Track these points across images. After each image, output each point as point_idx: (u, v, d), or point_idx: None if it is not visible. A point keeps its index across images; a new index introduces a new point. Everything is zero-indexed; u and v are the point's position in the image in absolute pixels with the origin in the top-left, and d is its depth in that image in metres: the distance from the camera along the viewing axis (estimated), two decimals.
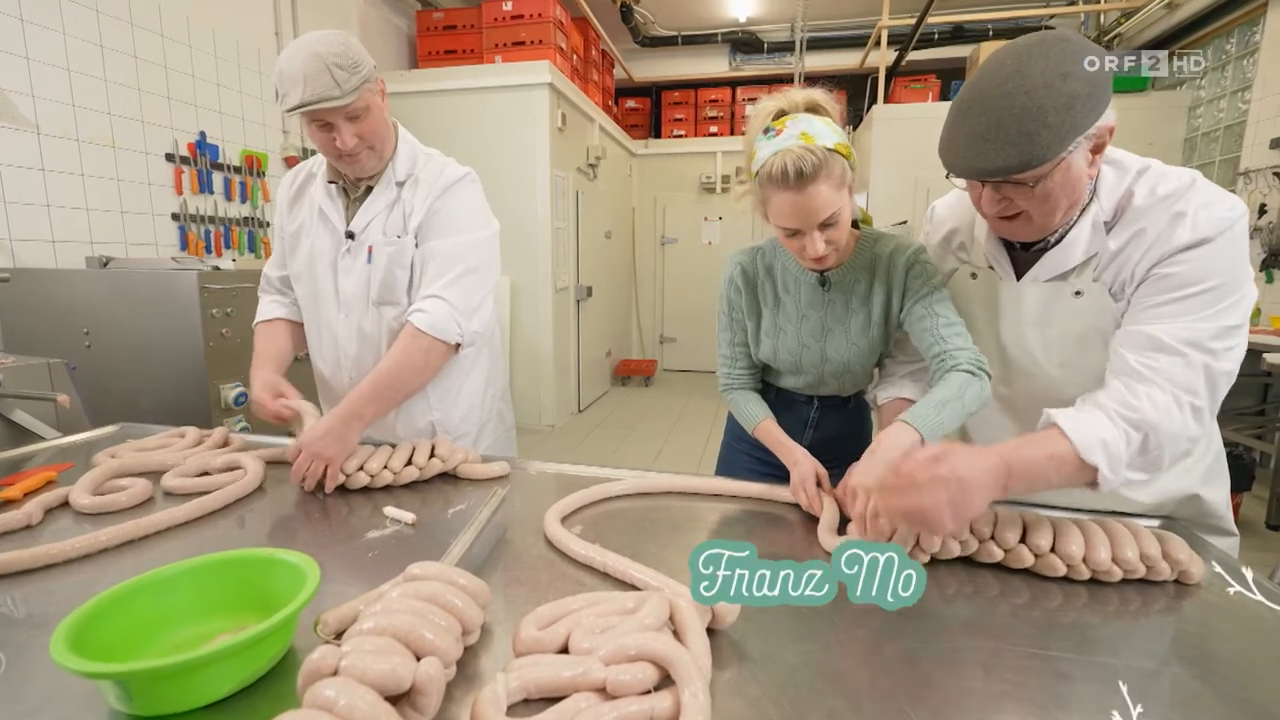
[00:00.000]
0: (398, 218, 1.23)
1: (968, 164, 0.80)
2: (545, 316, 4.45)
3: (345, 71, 1.07)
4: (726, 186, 6.46)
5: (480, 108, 4.25)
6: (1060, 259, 0.89)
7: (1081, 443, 0.76)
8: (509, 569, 0.81)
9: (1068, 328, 0.91)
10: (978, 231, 0.99)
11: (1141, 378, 0.78)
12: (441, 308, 1.18)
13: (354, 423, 1.09)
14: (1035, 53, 0.75)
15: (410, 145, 1.28)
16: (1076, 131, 0.74)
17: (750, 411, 1.13)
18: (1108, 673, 0.61)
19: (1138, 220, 0.83)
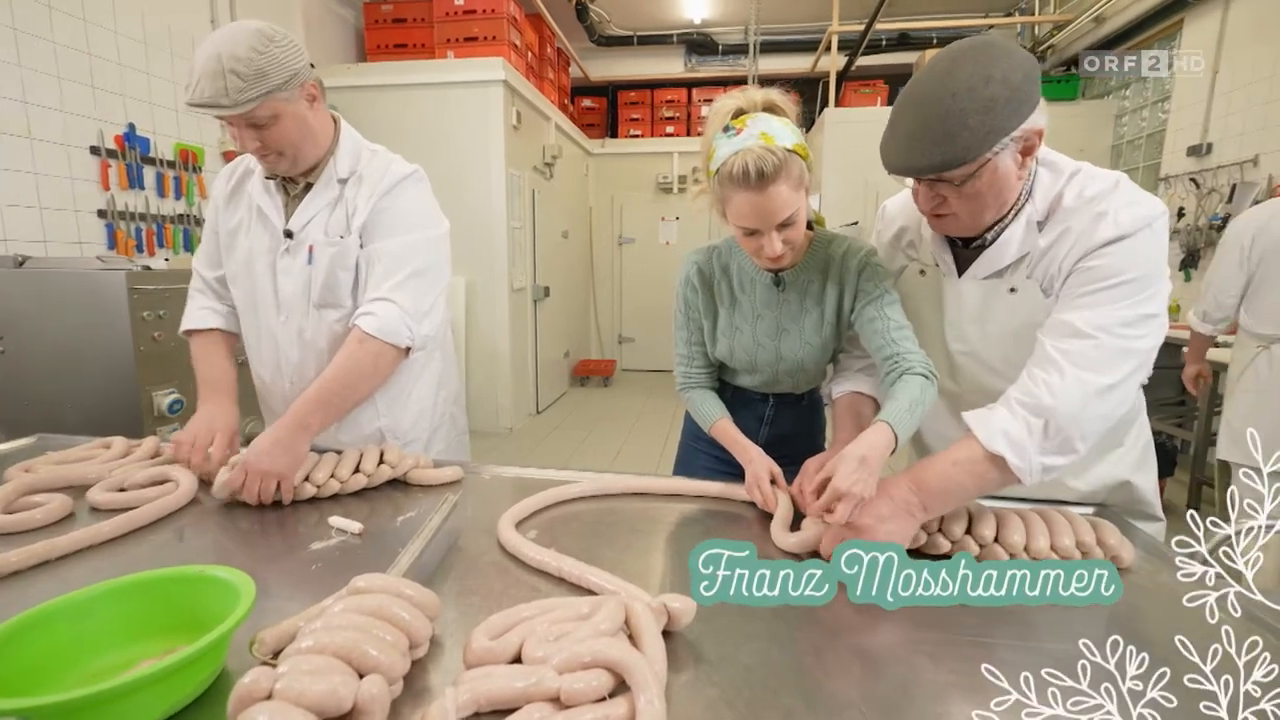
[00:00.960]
0: (340, 217, 1.18)
1: (898, 161, 0.84)
2: (502, 317, 4.38)
3: (242, 81, 0.99)
4: (683, 187, 6.50)
5: (432, 104, 4.15)
6: (995, 257, 0.92)
7: (985, 437, 0.82)
8: (461, 577, 0.79)
9: (1005, 324, 0.95)
10: (925, 230, 1.02)
11: (1050, 363, 0.83)
12: (390, 310, 1.13)
13: (301, 434, 1.04)
14: (965, 57, 0.79)
15: (353, 141, 1.23)
16: (997, 134, 0.78)
17: (707, 411, 1.14)
18: (1045, 658, 0.64)
19: (1065, 220, 0.87)
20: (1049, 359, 0.83)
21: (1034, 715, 0.45)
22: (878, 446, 0.83)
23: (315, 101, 1.14)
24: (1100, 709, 0.44)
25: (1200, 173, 3.76)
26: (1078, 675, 0.59)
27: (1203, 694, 0.45)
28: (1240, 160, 3.49)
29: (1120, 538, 0.83)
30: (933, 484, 0.82)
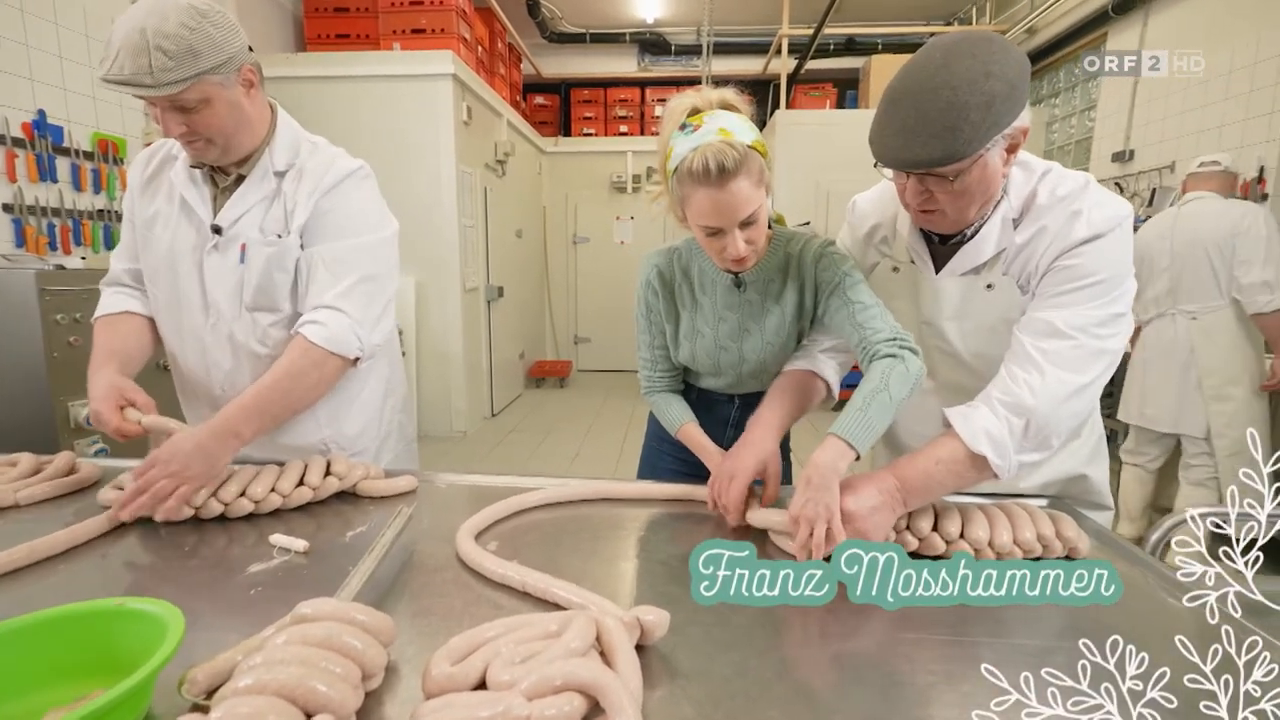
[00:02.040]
0: (277, 214, 1.09)
1: (894, 155, 0.82)
2: (454, 318, 4.26)
3: (170, 59, 0.90)
4: (638, 186, 6.49)
5: (378, 97, 3.99)
6: (973, 253, 0.93)
7: (968, 436, 0.82)
8: (417, 596, 0.74)
9: (981, 319, 0.95)
10: (900, 225, 1.01)
11: (1030, 362, 0.84)
12: (338, 320, 1.05)
13: (229, 441, 0.95)
14: (961, 50, 0.78)
15: (291, 131, 1.14)
16: (995, 129, 0.78)
17: (673, 415, 1.11)
18: (1021, 654, 0.64)
19: (1040, 217, 0.88)
20: (1029, 358, 0.84)
21: (1034, 715, 0.44)
22: (820, 464, 0.80)
23: (253, 88, 1.05)
24: (1100, 709, 0.43)
25: (1124, 177, 3.99)
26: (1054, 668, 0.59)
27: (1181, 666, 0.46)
28: (1159, 166, 3.72)
29: (1077, 529, 0.85)
30: (916, 481, 0.82)
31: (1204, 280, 2.43)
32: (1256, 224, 2.31)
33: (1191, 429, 2.50)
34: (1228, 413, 2.40)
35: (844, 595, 0.75)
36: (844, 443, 0.82)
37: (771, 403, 1.03)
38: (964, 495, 1.02)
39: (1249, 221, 2.32)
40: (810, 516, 0.77)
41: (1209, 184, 2.54)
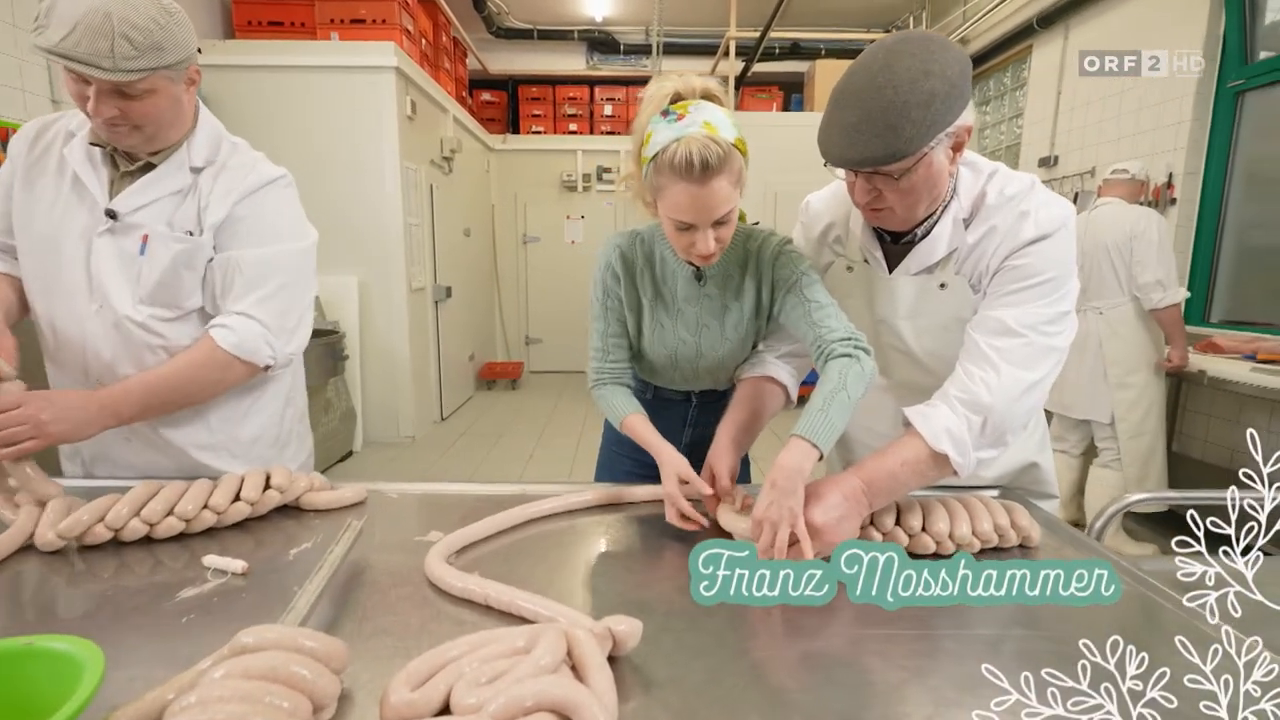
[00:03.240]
0: (190, 211, 1.04)
1: (840, 153, 0.83)
2: (400, 319, 4.11)
3: (134, 49, 0.88)
4: (589, 185, 6.44)
5: (314, 89, 3.81)
6: (927, 252, 0.94)
7: (929, 435, 0.84)
8: (371, 616, 0.69)
9: (935, 318, 0.97)
10: (853, 225, 1.02)
11: (985, 360, 0.86)
12: (252, 328, 1.03)
13: (104, 417, 0.94)
14: (902, 50, 0.79)
15: (212, 127, 1.09)
16: (937, 128, 0.79)
17: (618, 406, 1.06)
18: (985, 645, 0.65)
19: (990, 217, 0.90)
20: (984, 356, 0.86)
21: (1034, 715, 0.44)
22: (786, 467, 0.79)
23: (193, 86, 1.03)
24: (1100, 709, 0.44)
25: (1050, 182, 4.23)
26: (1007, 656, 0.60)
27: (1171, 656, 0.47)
28: (1081, 171, 3.96)
29: (1029, 519, 0.87)
30: (881, 483, 0.82)
31: (1108, 279, 2.66)
32: (1150, 229, 2.55)
33: (1099, 415, 2.73)
34: (1129, 399, 2.65)
35: None
36: (808, 443, 0.81)
37: (732, 415, 1.03)
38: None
39: (1143, 226, 2.56)
40: (774, 519, 0.76)
41: (1118, 190, 2.79)
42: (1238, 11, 3.22)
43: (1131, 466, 2.68)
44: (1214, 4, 3.27)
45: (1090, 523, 0.94)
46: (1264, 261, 3.12)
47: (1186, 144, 3.40)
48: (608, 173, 6.37)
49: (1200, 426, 3.05)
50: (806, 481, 0.80)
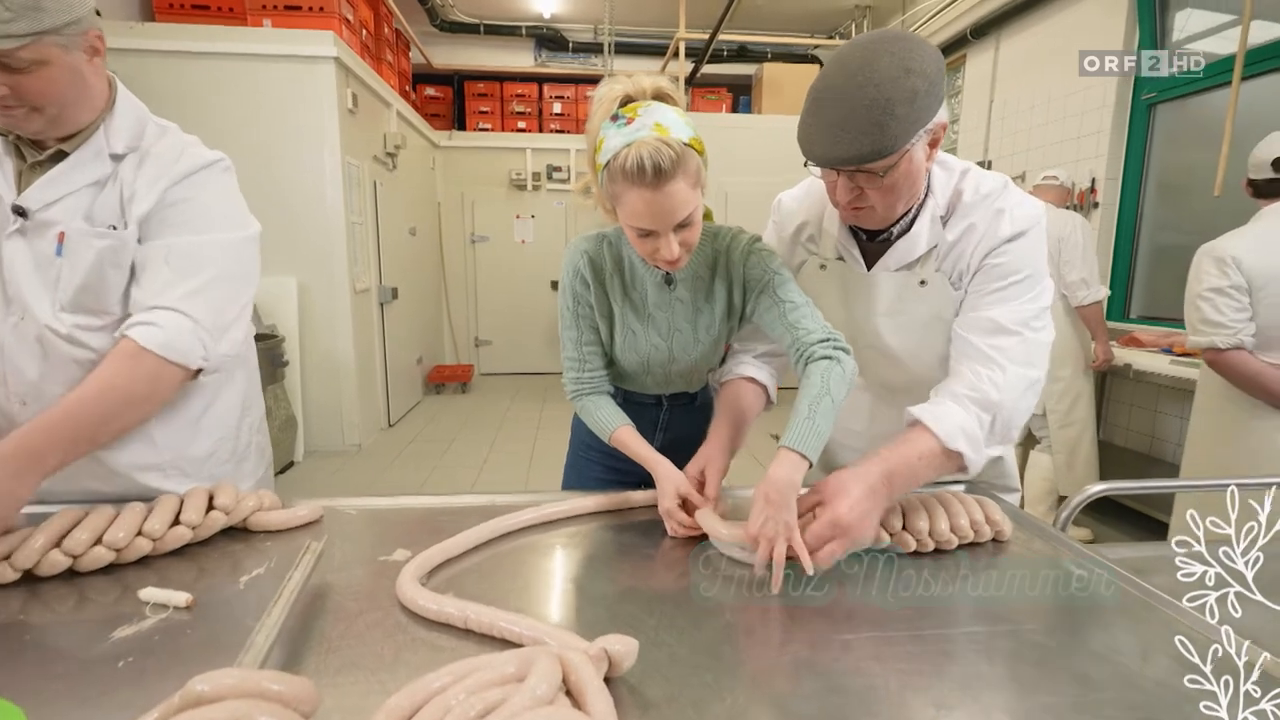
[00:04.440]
0: (111, 202, 0.92)
1: (824, 152, 0.82)
2: (343, 322, 3.93)
3: (8, 11, 0.78)
4: (538, 184, 6.35)
5: (246, 79, 3.58)
6: (907, 249, 0.94)
7: (945, 434, 0.84)
8: (338, 648, 0.64)
9: (914, 315, 0.97)
10: (827, 223, 1.01)
11: (989, 360, 0.88)
12: (179, 323, 0.90)
13: (30, 467, 0.79)
14: (880, 49, 0.78)
15: (135, 111, 0.97)
16: (919, 124, 0.79)
17: (605, 418, 1.04)
18: (977, 643, 0.65)
19: (968, 215, 0.91)
20: (986, 356, 0.88)
21: None
22: (777, 480, 0.78)
23: (97, 56, 0.91)
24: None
25: None
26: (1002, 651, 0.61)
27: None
28: (1013, 175, 4.17)
29: (1001, 514, 0.89)
30: (901, 476, 0.82)
31: None
32: (1075, 232, 2.75)
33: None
34: (1058, 391, 2.82)
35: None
36: (797, 455, 0.81)
37: (720, 419, 1.03)
38: None
39: (1069, 229, 2.75)
40: (770, 535, 0.76)
41: (1048, 195, 2.98)
42: (1150, 29, 3.47)
43: (1060, 454, 2.84)
44: (1129, 22, 3.50)
45: (1056, 515, 0.97)
46: (1174, 260, 3.37)
47: (1107, 151, 3.63)
48: (558, 171, 6.29)
49: (1123, 415, 3.26)
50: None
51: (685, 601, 0.74)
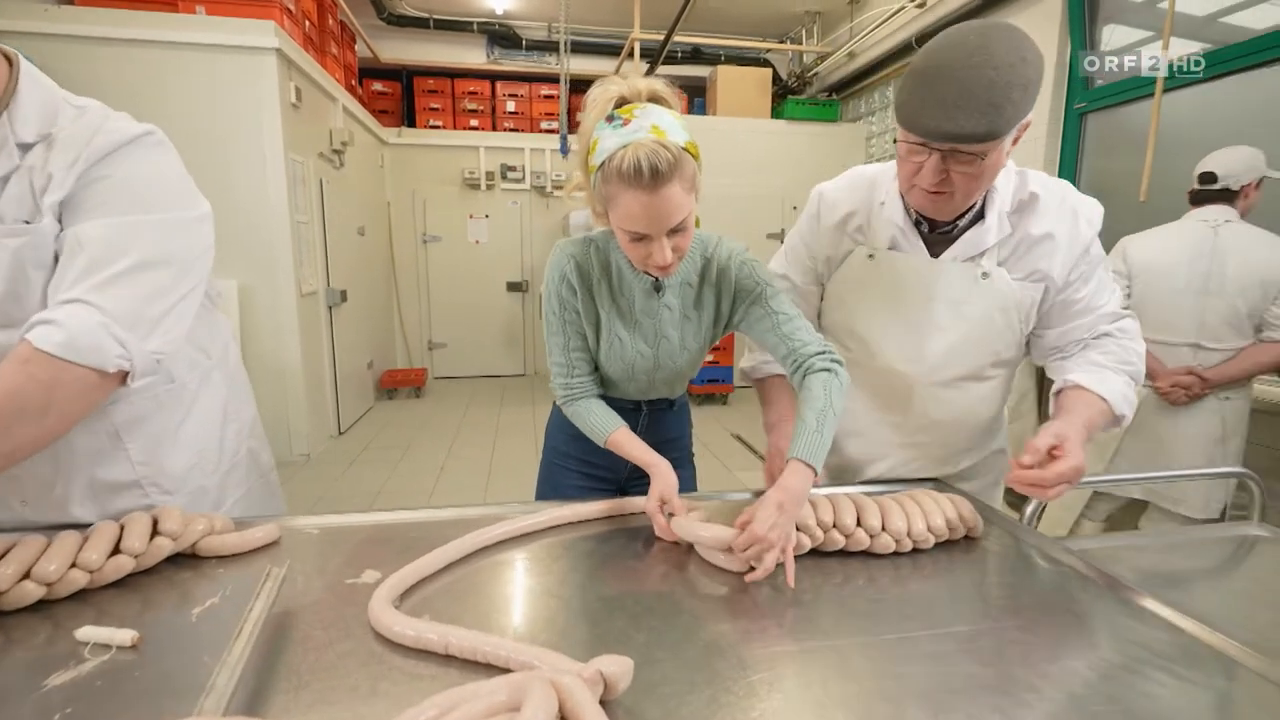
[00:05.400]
0: (20, 193, 0.80)
1: (936, 126, 0.82)
2: (289, 326, 3.74)
3: None
4: (492, 184, 6.23)
5: (177, 69, 3.37)
6: (976, 240, 0.98)
7: (1114, 400, 0.96)
8: (308, 682, 0.59)
9: (975, 305, 1.00)
10: (888, 212, 1.02)
11: (1125, 335, 1.02)
12: (84, 318, 0.76)
13: None
14: (994, 35, 0.81)
15: (43, 92, 0.84)
16: (1025, 111, 0.82)
17: (599, 422, 1.01)
18: (963, 643, 0.66)
19: (1046, 216, 0.96)
20: (1121, 332, 1.01)
21: None
22: (793, 490, 0.80)
23: None
24: None
25: None
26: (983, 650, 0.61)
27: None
28: None
29: (972, 511, 0.91)
30: (1091, 430, 0.92)
31: None
32: None
33: None
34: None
35: (793, 602, 0.74)
36: (807, 466, 0.83)
37: (782, 411, 1.12)
38: (855, 486, 1.07)
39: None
40: (774, 541, 0.76)
41: None
42: (1081, 40, 3.67)
43: (1011, 446, 2.97)
44: (1061, 35, 3.69)
45: (1024, 511, 1.00)
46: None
47: (1042, 158, 3.81)
48: (512, 171, 6.19)
49: None
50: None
51: (674, 614, 0.72)
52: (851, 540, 0.85)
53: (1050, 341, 1.05)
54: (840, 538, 0.85)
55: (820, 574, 0.82)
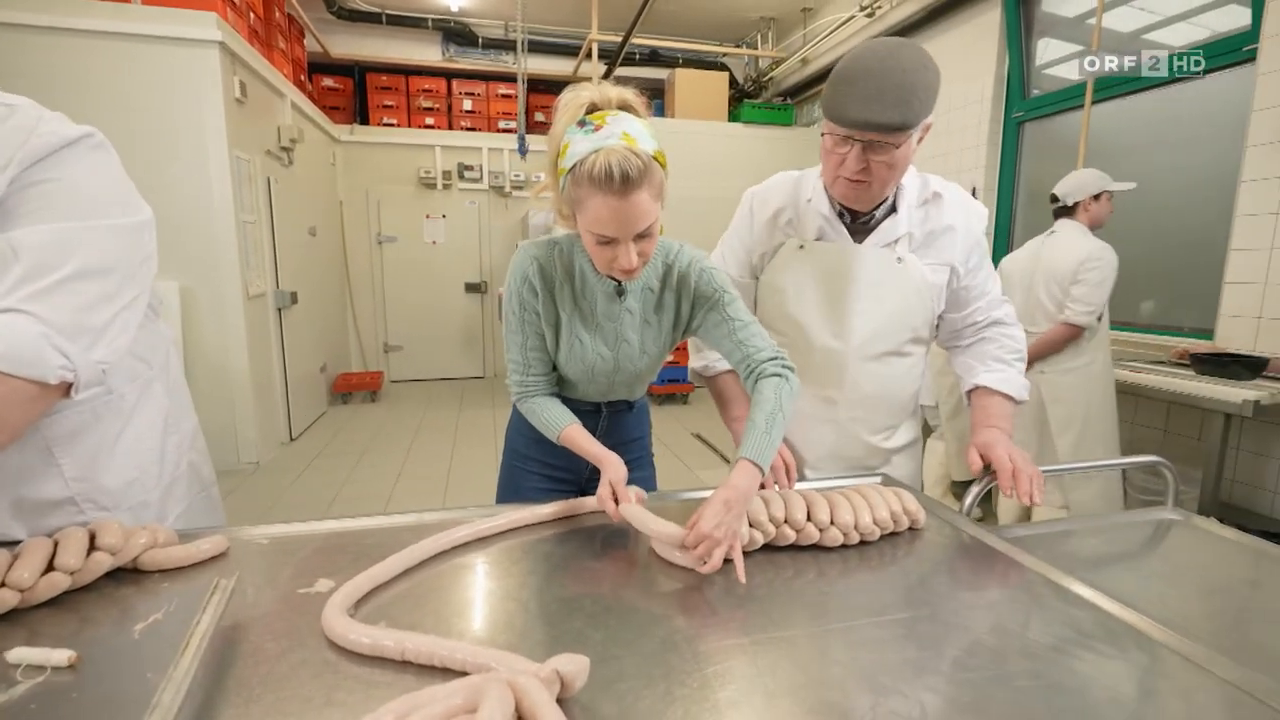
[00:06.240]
0: None
1: (858, 117, 0.96)
2: (235, 329, 3.61)
3: None
4: (449, 183, 6.13)
5: (111, 62, 3.21)
6: (891, 228, 1.12)
7: (1014, 392, 1.16)
8: (259, 695, 0.58)
9: (893, 287, 1.14)
10: (815, 205, 1.15)
11: (1010, 320, 1.20)
12: (22, 328, 0.74)
13: None
14: (902, 46, 0.98)
15: None
16: (929, 110, 0.97)
17: (553, 418, 1.04)
18: (903, 629, 0.70)
19: (948, 211, 1.12)
20: (1001, 321, 1.20)
21: None
22: (740, 489, 0.84)
23: None
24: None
25: None
26: (922, 636, 0.65)
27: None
28: None
29: (916, 503, 0.96)
30: (1007, 419, 1.13)
31: None
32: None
33: (926, 399, 3.17)
34: (949, 385, 3.08)
35: (746, 596, 0.76)
36: (755, 466, 0.86)
37: (738, 410, 1.21)
38: (806, 482, 1.11)
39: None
40: (720, 539, 0.79)
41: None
42: (1017, 55, 3.85)
43: (952, 442, 3.09)
44: (1000, 48, 3.87)
45: (962, 503, 1.05)
46: None
47: (984, 163, 3.99)
48: (470, 170, 6.10)
49: None
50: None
51: (630, 612, 0.73)
52: (802, 535, 0.88)
53: (953, 325, 1.22)
54: (791, 533, 0.88)
55: (773, 568, 0.85)
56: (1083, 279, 2.31)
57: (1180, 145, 3.02)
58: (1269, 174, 2.48)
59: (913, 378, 1.23)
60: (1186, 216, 2.99)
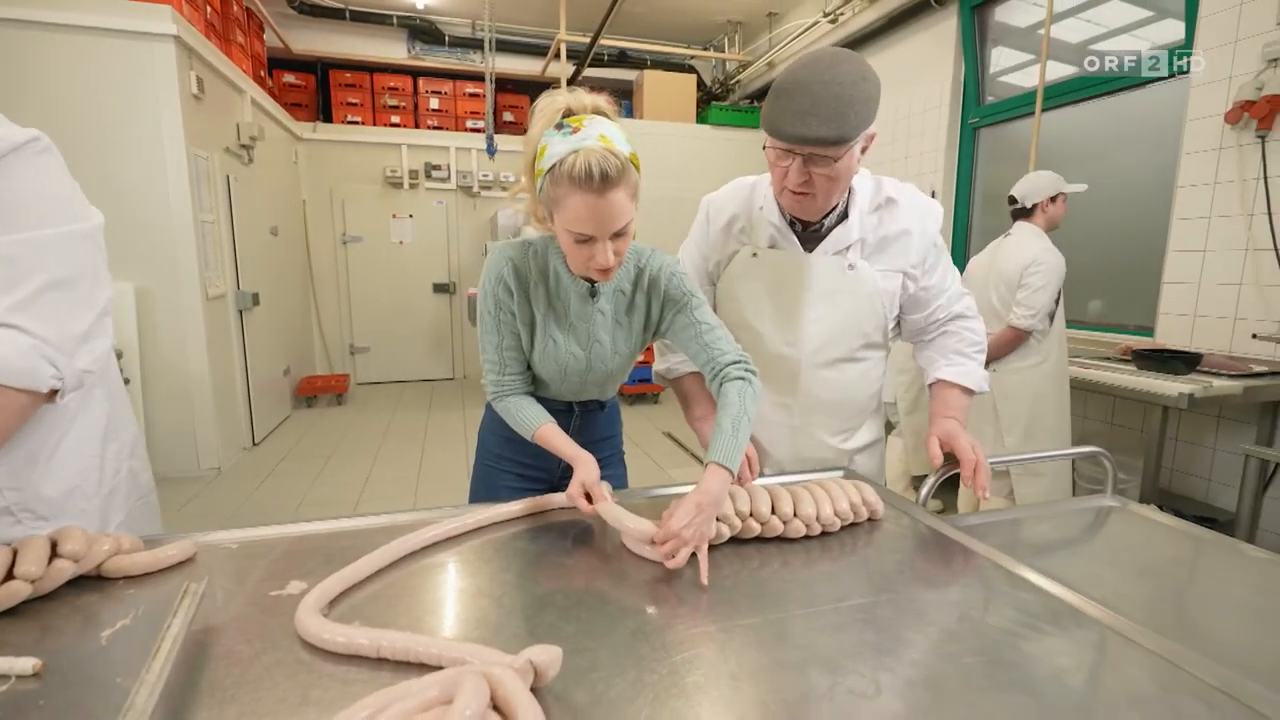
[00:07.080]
0: None
1: (795, 132, 0.96)
2: (195, 332, 3.51)
3: None
4: (416, 183, 6.05)
5: (61, 55, 3.08)
6: (842, 236, 1.13)
7: (974, 385, 1.19)
8: (234, 697, 0.59)
9: (845, 294, 1.15)
10: (766, 214, 1.16)
11: (971, 313, 1.22)
12: (16, 341, 0.76)
13: None
14: (841, 59, 0.97)
15: None
16: (868, 123, 0.97)
17: (528, 417, 1.05)
18: (862, 613, 0.73)
19: (902, 215, 1.13)
20: (963, 315, 1.22)
21: None
22: (712, 492, 0.86)
23: None
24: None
25: None
26: (880, 619, 0.69)
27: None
28: None
29: (875, 495, 1.00)
30: (965, 410, 1.17)
31: None
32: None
33: (886, 396, 3.25)
34: (906, 381, 3.16)
35: (714, 587, 0.79)
36: (723, 468, 0.89)
37: (705, 410, 1.23)
38: (771, 477, 1.14)
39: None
40: (689, 539, 0.82)
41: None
42: (973, 63, 3.99)
43: (909, 437, 3.18)
44: (956, 56, 4.00)
45: (918, 494, 1.10)
46: None
47: (942, 167, 4.13)
48: (437, 170, 6.04)
49: None
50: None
51: (601, 604, 0.76)
52: (767, 527, 0.92)
53: (916, 324, 1.24)
54: (757, 525, 0.92)
55: (739, 560, 0.88)
56: (1025, 283, 2.37)
57: (1123, 151, 3.18)
58: (1202, 180, 2.63)
59: (869, 380, 1.25)
60: (1130, 220, 3.15)
